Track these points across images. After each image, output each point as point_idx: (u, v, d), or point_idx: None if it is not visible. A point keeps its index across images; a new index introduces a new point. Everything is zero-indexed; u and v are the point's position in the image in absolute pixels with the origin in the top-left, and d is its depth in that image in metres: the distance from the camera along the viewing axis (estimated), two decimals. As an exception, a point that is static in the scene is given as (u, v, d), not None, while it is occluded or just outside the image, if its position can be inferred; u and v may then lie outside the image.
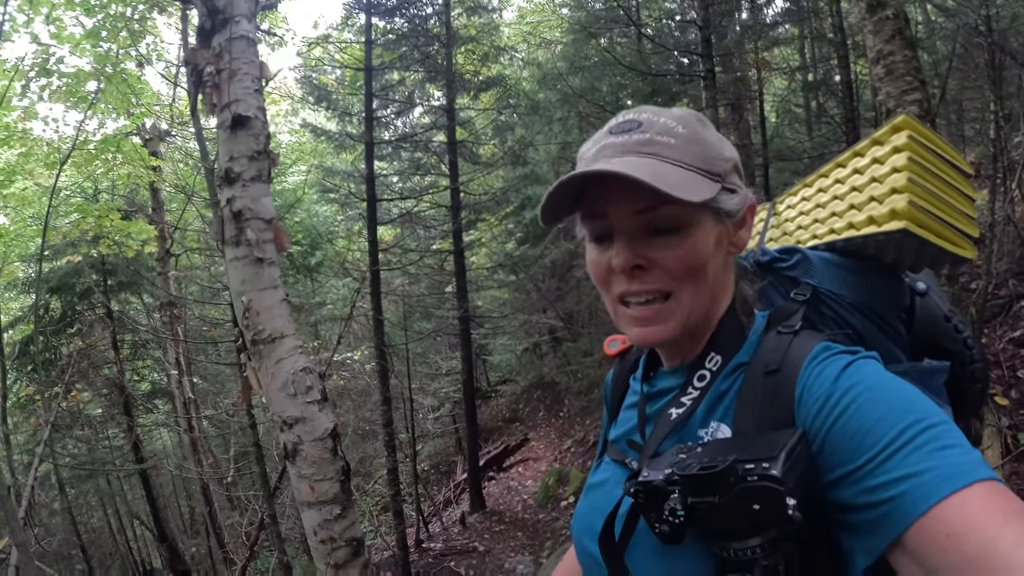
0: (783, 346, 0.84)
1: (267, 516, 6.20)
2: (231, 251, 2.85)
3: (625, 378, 1.11)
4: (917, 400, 0.70)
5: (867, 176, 1.07)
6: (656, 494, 0.72)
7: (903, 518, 0.62)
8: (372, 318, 10.14)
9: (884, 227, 0.97)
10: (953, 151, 1.03)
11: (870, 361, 0.78)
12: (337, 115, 11.69)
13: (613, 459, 1.01)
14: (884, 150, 1.05)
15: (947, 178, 1.01)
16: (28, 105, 8.32)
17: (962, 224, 0.99)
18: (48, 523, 11.42)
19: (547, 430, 14.91)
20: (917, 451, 0.64)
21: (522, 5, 18.57)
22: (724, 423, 0.84)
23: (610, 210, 0.85)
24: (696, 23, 7.16)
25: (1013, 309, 5.75)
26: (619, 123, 0.88)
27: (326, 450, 2.84)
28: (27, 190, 10.37)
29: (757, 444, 0.71)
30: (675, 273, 0.84)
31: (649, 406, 0.97)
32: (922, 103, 4.25)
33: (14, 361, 11.01)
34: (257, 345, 2.84)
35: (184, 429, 10.32)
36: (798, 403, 0.77)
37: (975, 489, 0.60)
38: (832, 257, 1.03)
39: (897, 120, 1.04)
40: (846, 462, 0.68)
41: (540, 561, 8.22)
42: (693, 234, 0.83)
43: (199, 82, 2.95)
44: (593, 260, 0.90)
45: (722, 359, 0.88)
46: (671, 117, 0.86)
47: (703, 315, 0.88)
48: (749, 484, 0.65)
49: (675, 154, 0.82)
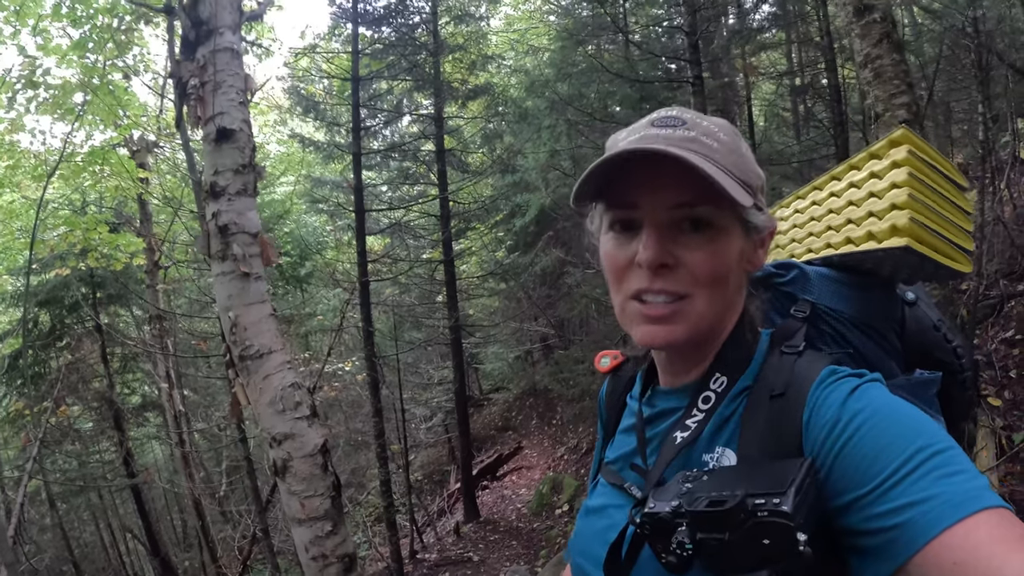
0: (787, 368, 0.83)
1: (259, 530, 6.17)
2: (217, 266, 2.83)
3: (620, 396, 1.08)
4: (924, 425, 0.70)
5: (865, 190, 1.06)
6: (663, 526, 0.71)
7: (909, 545, 0.61)
8: (362, 329, 10.14)
9: (885, 243, 0.97)
10: (950, 164, 1.03)
11: (876, 385, 0.77)
12: (325, 125, 11.69)
13: (611, 483, 0.98)
14: (882, 164, 1.05)
15: (945, 193, 1.01)
16: (15, 117, 8.30)
17: (959, 239, 0.99)
18: (39, 540, 11.37)
19: (540, 438, 14.91)
20: (924, 478, 0.63)
21: (509, 12, 18.59)
22: (729, 448, 0.82)
23: (644, 200, 0.83)
24: (683, 29, 7.17)
25: (1004, 309, 5.79)
26: (662, 117, 0.86)
27: (316, 466, 2.82)
28: (14, 203, 10.37)
29: (765, 475, 0.70)
30: (700, 276, 0.82)
31: (649, 428, 0.95)
32: (910, 106, 4.26)
33: (2, 376, 10.99)
34: (244, 361, 2.81)
35: (175, 443, 10.26)
36: (805, 429, 0.76)
37: (981, 517, 0.59)
38: (829, 272, 1.02)
39: (896, 134, 1.03)
40: (853, 488, 0.68)
41: (535, 570, 8.20)
42: (722, 239, 0.83)
43: (184, 94, 2.94)
44: (611, 252, 0.87)
45: (727, 381, 0.87)
46: (712, 123, 0.86)
47: (712, 327, 0.87)
48: (759, 520, 0.64)
49: (719, 158, 0.81)
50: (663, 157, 0.77)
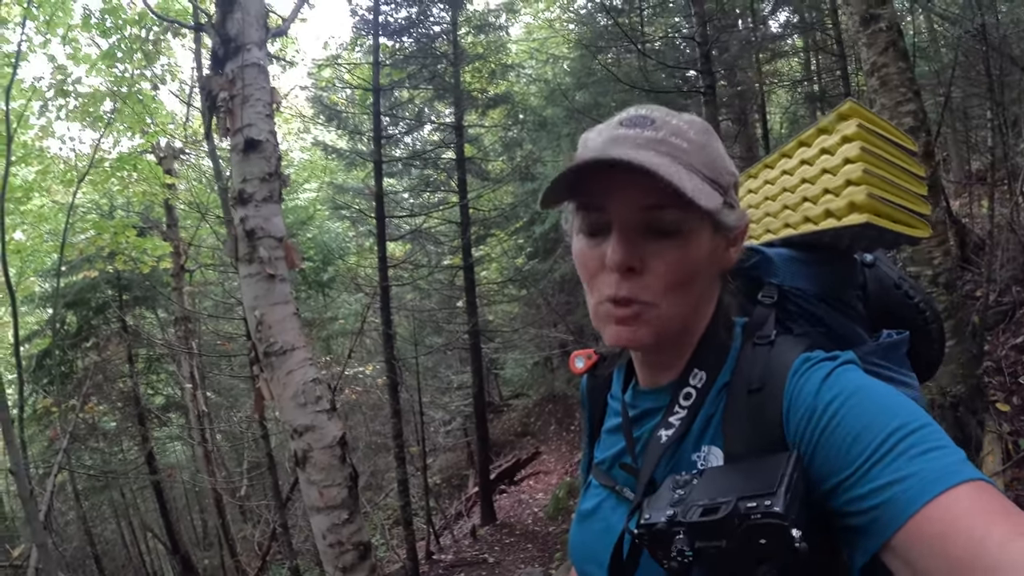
0: (761, 360, 0.83)
1: (278, 526, 6.31)
2: (244, 268, 2.98)
3: (601, 395, 1.09)
4: (899, 404, 0.71)
5: (817, 167, 1.05)
6: (660, 536, 0.71)
7: (892, 522, 0.62)
8: (383, 333, 10.20)
9: (844, 221, 0.96)
10: (897, 131, 1.03)
11: (850, 367, 0.78)
12: (347, 133, 11.76)
13: (602, 484, 0.99)
14: (833, 139, 1.03)
15: (897, 161, 1.01)
16: (45, 124, 8.54)
17: (916, 206, 0.99)
18: (63, 531, 11.54)
19: (558, 443, 14.90)
20: (902, 456, 0.65)
21: (529, 21, 18.59)
22: (715, 445, 0.82)
23: (611, 203, 0.82)
24: (695, 39, 7.23)
25: (1016, 316, 5.74)
26: (630, 116, 0.85)
27: (335, 457, 2.96)
28: (44, 207, 10.58)
29: (754, 475, 0.71)
30: (666, 281, 0.81)
31: (636, 428, 0.94)
32: (916, 114, 4.30)
33: (31, 374, 11.19)
34: (269, 357, 2.96)
35: (198, 442, 10.45)
36: (786, 421, 0.76)
37: (961, 490, 0.61)
38: (790, 252, 1.01)
39: (843, 108, 1.02)
40: (835, 473, 0.69)
41: (549, 572, 8.25)
42: (691, 242, 0.82)
43: (213, 107, 3.09)
44: (582, 252, 0.87)
45: (706, 376, 0.87)
46: (682, 121, 0.84)
47: (682, 327, 0.87)
48: (753, 522, 0.65)
49: (687, 158, 0.80)
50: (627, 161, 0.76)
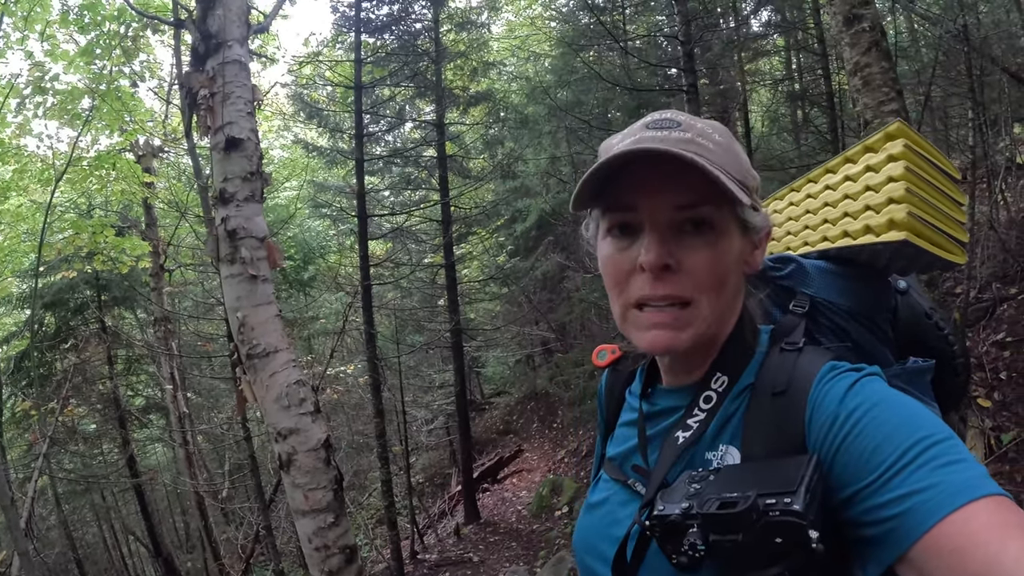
0: (788, 365, 0.83)
1: (262, 528, 6.25)
2: (226, 269, 2.93)
3: (620, 391, 1.08)
4: (922, 416, 0.70)
5: (861, 184, 1.07)
6: (673, 528, 0.70)
7: (909, 534, 0.62)
8: (364, 332, 10.19)
9: (883, 237, 0.97)
10: (943, 157, 1.04)
11: (874, 379, 0.78)
12: (328, 131, 11.74)
13: (613, 478, 0.98)
14: (878, 158, 1.05)
15: (939, 185, 1.02)
16: (22, 121, 8.40)
17: (954, 231, 1.00)
18: (45, 537, 11.42)
19: (541, 441, 14.91)
20: (923, 468, 0.64)
21: (511, 19, 18.57)
22: (732, 445, 0.82)
23: (643, 202, 0.82)
24: (678, 38, 7.24)
25: (996, 312, 5.82)
26: (656, 120, 0.85)
27: (319, 460, 2.92)
28: (21, 206, 10.43)
29: (774, 474, 0.70)
30: (701, 279, 0.81)
31: (649, 426, 0.94)
32: (899, 113, 4.31)
33: (9, 376, 11.04)
34: (252, 359, 2.92)
35: (179, 444, 10.35)
36: (808, 425, 0.76)
37: (980, 504, 0.60)
38: (826, 265, 1.03)
39: (891, 127, 1.04)
40: (855, 481, 0.68)
41: (534, 570, 8.26)
42: (723, 241, 0.82)
43: (193, 104, 3.04)
44: (610, 256, 0.85)
45: (728, 380, 0.86)
46: (706, 124, 0.85)
47: (715, 329, 0.86)
48: (772, 519, 0.64)
49: (715, 159, 0.80)
50: (663, 158, 0.77)
